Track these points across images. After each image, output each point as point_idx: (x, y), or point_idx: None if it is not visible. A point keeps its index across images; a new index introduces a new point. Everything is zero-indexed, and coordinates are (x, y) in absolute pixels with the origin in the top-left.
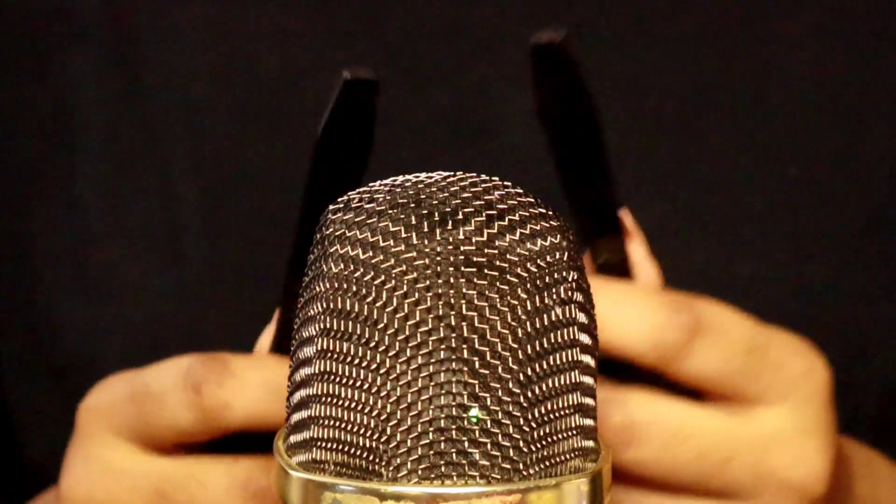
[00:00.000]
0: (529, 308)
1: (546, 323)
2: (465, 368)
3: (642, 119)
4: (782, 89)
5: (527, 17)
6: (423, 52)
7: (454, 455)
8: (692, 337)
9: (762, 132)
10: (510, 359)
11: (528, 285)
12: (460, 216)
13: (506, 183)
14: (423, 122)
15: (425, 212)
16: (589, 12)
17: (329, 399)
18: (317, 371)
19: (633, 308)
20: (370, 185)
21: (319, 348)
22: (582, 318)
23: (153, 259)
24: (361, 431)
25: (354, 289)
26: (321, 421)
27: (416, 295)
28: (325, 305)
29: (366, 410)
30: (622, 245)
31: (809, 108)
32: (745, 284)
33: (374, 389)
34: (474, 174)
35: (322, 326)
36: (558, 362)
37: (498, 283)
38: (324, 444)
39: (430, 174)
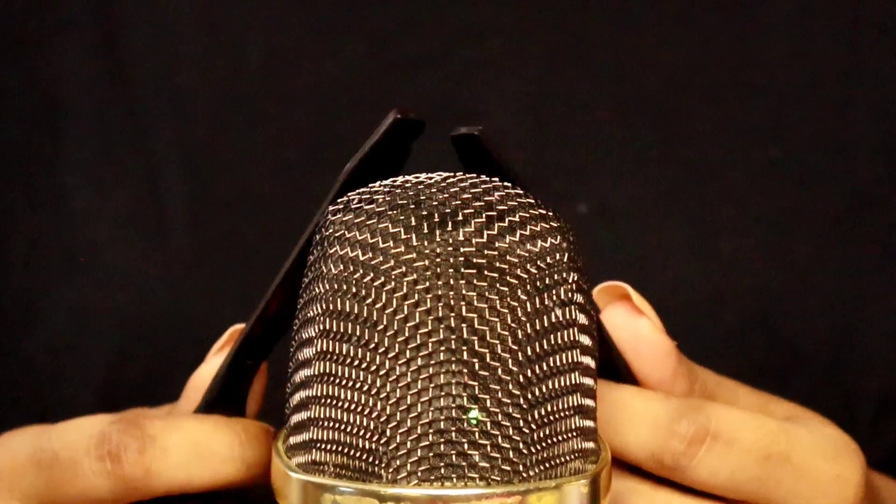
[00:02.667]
0: (529, 310)
1: (546, 324)
2: (465, 370)
3: (625, 99)
4: (764, 70)
5: (510, 5)
6: (408, 38)
7: (454, 457)
8: (695, 446)
9: (744, 113)
10: (510, 360)
11: (529, 287)
12: (460, 217)
13: (506, 184)
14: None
15: (425, 213)
16: None
17: (328, 401)
18: (316, 372)
19: (633, 417)
20: (370, 185)
21: (319, 350)
22: (582, 319)
23: (139, 243)
24: (361, 433)
25: (354, 290)
26: (321, 422)
27: (416, 296)
28: (324, 307)
29: (365, 412)
30: (607, 344)
31: (791, 88)
32: (726, 262)
33: (373, 391)
34: (474, 175)
35: (321, 328)
36: (558, 364)
37: (498, 285)
38: (323, 446)
39: (429, 175)
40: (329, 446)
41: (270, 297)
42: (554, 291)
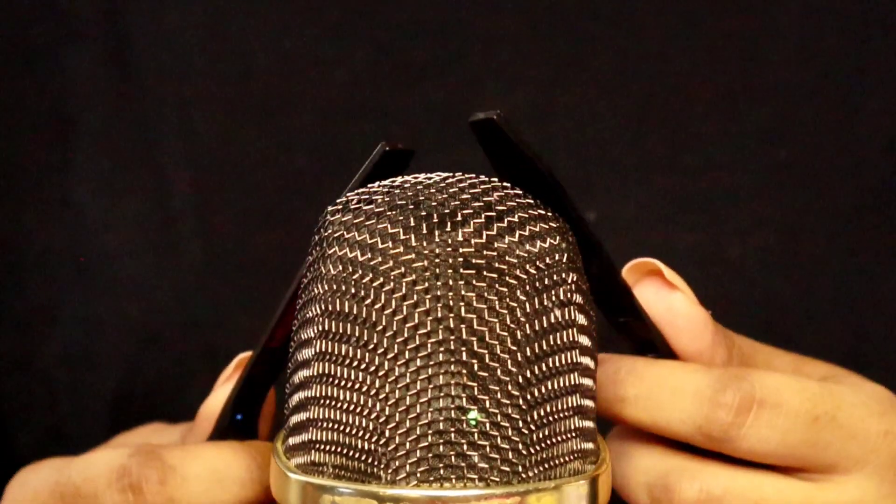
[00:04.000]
0: (529, 310)
1: (545, 325)
2: (464, 371)
3: (632, 106)
4: (770, 73)
5: (517, 13)
6: (414, 47)
7: (453, 458)
8: (742, 415)
9: (751, 116)
10: (509, 361)
11: (528, 287)
12: (459, 218)
13: (505, 184)
14: (414, 117)
15: (424, 213)
16: (578, 1)
17: (327, 401)
18: (315, 373)
19: (676, 392)
20: (369, 185)
21: (318, 350)
22: (581, 319)
23: (149, 254)
24: (360, 434)
25: (353, 291)
26: (320, 423)
27: (415, 297)
28: (323, 307)
29: (364, 413)
30: (643, 320)
31: (798, 91)
32: (733, 267)
33: (372, 392)
34: (473, 175)
35: (320, 328)
36: (557, 364)
37: (497, 285)
38: (322, 447)
39: (428, 175)
40: (328, 447)
41: (276, 325)
42: (553, 292)
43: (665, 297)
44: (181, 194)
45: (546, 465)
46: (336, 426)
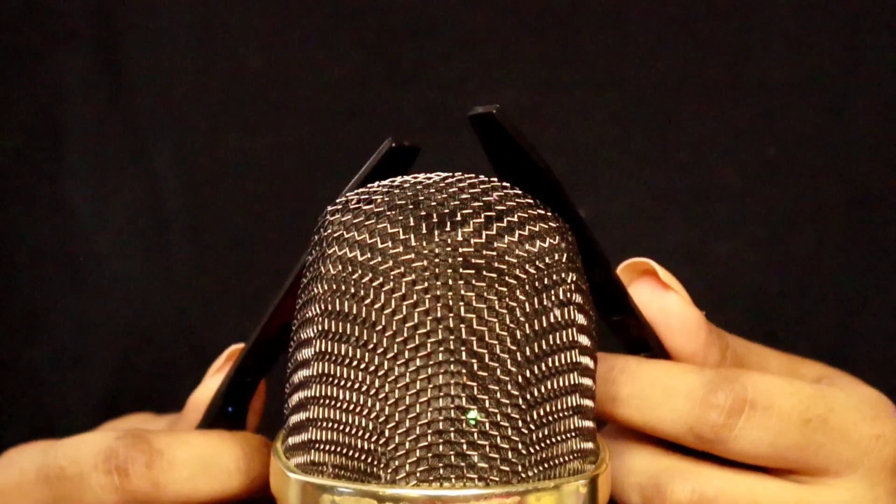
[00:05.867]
0: (528, 310)
1: (545, 325)
2: (464, 370)
3: (621, 104)
4: (760, 71)
5: (505, 12)
6: (405, 46)
7: (452, 457)
8: (734, 416)
9: (740, 113)
10: (509, 361)
11: (527, 287)
12: (458, 218)
13: (504, 184)
14: (403, 119)
15: (423, 213)
16: (567, 1)
17: (327, 401)
18: (315, 373)
19: (669, 392)
20: (368, 185)
21: (317, 350)
22: (581, 319)
23: (139, 254)
24: (359, 434)
25: (352, 290)
26: (319, 423)
27: (414, 297)
28: (322, 307)
29: (364, 413)
30: (637, 318)
31: (787, 88)
32: (723, 264)
33: (371, 391)
34: (473, 175)
35: (320, 328)
36: (557, 364)
37: (496, 285)
38: (322, 447)
39: (428, 175)
40: (328, 447)
41: (270, 317)
42: (553, 292)
43: (659, 298)
44: (172, 195)
45: (546, 465)
46: (336, 426)
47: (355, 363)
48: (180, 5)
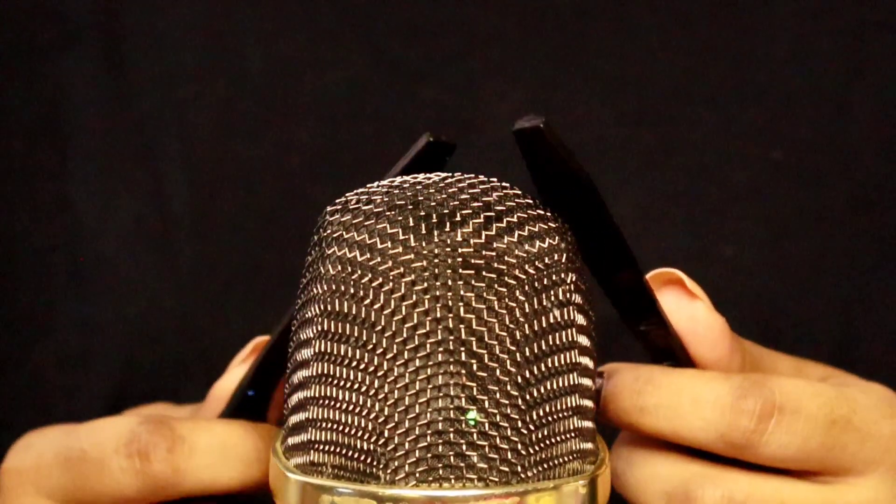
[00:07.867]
0: (528, 310)
1: (545, 325)
2: (463, 371)
3: (627, 106)
4: (764, 73)
5: (512, 13)
6: (410, 47)
7: (452, 458)
8: (764, 421)
9: (745, 116)
10: (508, 361)
11: (527, 287)
12: (458, 218)
13: (504, 184)
14: (410, 119)
15: (423, 213)
16: (573, 2)
17: (326, 401)
18: (314, 373)
19: (698, 400)
20: (368, 185)
21: (317, 350)
22: (580, 319)
23: (145, 255)
24: (359, 434)
25: (352, 291)
26: (319, 423)
27: (414, 297)
28: (322, 308)
29: (363, 413)
30: (665, 326)
31: (792, 90)
32: (727, 266)
33: (371, 392)
34: (472, 175)
35: (319, 329)
36: (557, 364)
37: (496, 286)
38: (322, 447)
39: (427, 175)
40: (327, 447)
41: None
42: (552, 292)
43: (687, 306)
44: (177, 196)
45: (545, 465)
46: (335, 426)
47: (355, 363)
48: (185, 7)
